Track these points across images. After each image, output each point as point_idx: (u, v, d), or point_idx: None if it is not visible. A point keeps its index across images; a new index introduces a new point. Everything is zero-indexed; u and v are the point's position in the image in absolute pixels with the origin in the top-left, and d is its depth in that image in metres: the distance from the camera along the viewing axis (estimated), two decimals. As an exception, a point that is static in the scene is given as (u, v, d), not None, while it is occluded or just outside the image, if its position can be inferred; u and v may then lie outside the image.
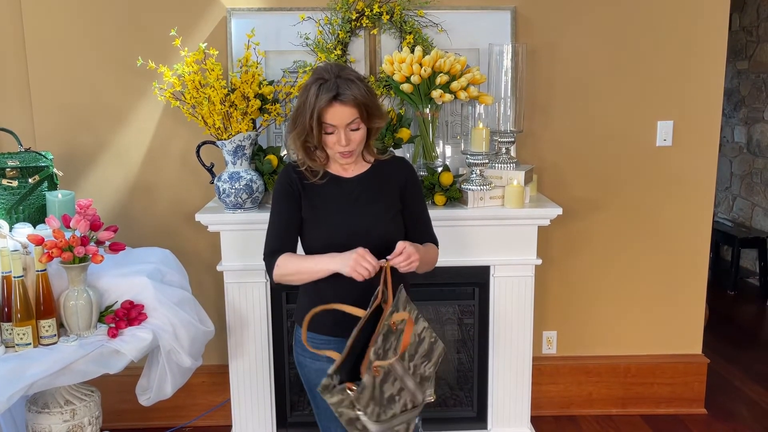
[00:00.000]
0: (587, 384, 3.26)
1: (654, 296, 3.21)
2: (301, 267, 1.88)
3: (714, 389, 3.44)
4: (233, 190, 2.63)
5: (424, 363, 1.83)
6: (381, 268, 1.78)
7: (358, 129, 1.83)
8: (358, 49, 2.90)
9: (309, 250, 1.96)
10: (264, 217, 2.63)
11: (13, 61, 2.92)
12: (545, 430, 3.13)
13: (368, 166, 1.97)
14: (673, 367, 3.25)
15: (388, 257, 1.79)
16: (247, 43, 2.66)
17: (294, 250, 1.95)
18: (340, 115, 1.79)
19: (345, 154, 1.86)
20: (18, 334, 2.07)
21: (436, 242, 2.06)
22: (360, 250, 1.76)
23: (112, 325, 2.20)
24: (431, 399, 1.84)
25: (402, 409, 1.78)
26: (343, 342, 1.79)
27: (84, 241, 2.14)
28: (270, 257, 1.93)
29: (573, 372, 3.24)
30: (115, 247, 2.26)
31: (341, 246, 1.86)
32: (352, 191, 1.93)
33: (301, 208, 1.93)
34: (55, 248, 2.09)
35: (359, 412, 1.71)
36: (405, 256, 1.78)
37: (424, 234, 2.02)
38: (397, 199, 1.97)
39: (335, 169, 1.96)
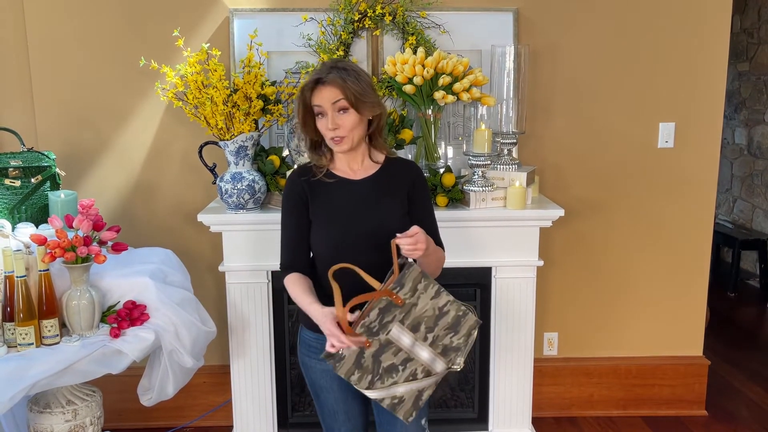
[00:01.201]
0: (588, 385, 3.26)
1: (655, 298, 3.21)
2: (297, 299, 1.92)
3: (715, 391, 3.44)
4: (235, 191, 2.63)
5: (449, 334, 1.84)
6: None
7: (346, 111, 1.83)
8: (360, 50, 2.90)
9: (315, 251, 1.96)
10: (265, 217, 2.65)
11: (15, 61, 2.92)
12: (546, 432, 3.14)
13: (377, 168, 1.97)
14: (674, 369, 3.25)
15: (398, 234, 1.79)
16: (249, 44, 2.66)
17: (306, 261, 1.98)
18: (324, 95, 1.82)
19: (336, 140, 1.85)
20: (20, 334, 2.07)
21: (442, 247, 2.04)
22: (330, 330, 1.75)
23: (115, 325, 2.20)
24: (458, 368, 1.86)
25: (408, 378, 1.82)
26: None
27: (87, 241, 2.14)
28: (283, 272, 1.98)
29: (574, 373, 3.24)
30: (117, 247, 2.26)
31: (347, 247, 1.86)
32: (359, 193, 1.93)
33: (309, 214, 1.94)
34: (57, 248, 2.09)
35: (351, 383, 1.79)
36: (413, 240, 1.77)
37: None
38: (405, 201, 1.96)
39: (343, 171, 1.96)
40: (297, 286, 1.92)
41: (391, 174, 1.97)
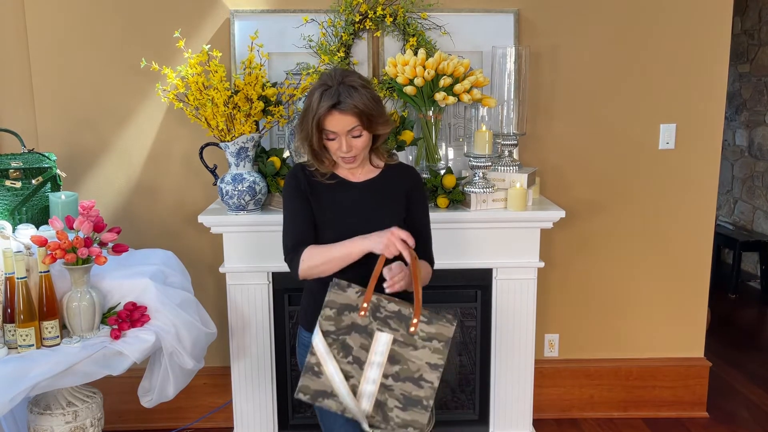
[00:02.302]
0: (589, 387, 3.26)
1: (656, 299, 3.21)
2: (331, 255, 1.84)
3: (716, 392, 3.44)
4: (236, 192, 2.63)
5: (398, 403, 1.76)
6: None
7: (360, 136, 1.83)
8: (361, 51, 2.90)
9: None
10: (267, 219, 2.65)
11: (16, 62, 2.92)
12: (547, 433, 3.14)
13: (377, 171, 1.97)
14: (675, 371, 3.25)
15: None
16: (250, 45, 2.66)
17: (313, 242, 1.92)
18: (339, 122, 1.80)
19: (347, 159, 1.87)
20: (21, 336, 2.07)
21: (432, 262, 2.03)
22: (395, 230, 1.76)
23: (115, 326, 2.20)
24: (367, 431, 1.77)
25: (342, 372, 1.75)
26: None
27: (87, 242, 2.14)
28: (293, 252, 1.89)
29: (575, 375, 3.24)
30: (118, 249, 2.26)
31: None
32: (358, 196, 1.93)
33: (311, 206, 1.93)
34: (58, 249, 2.08)
35: (320, 313, 1.77)
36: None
37: (421, 251, 1.96)
38: (403, 206, 1.97)
39: (343, 173, 1.96)
40: (319, 247, 1.86)
41: (391, 178, 1.98)
